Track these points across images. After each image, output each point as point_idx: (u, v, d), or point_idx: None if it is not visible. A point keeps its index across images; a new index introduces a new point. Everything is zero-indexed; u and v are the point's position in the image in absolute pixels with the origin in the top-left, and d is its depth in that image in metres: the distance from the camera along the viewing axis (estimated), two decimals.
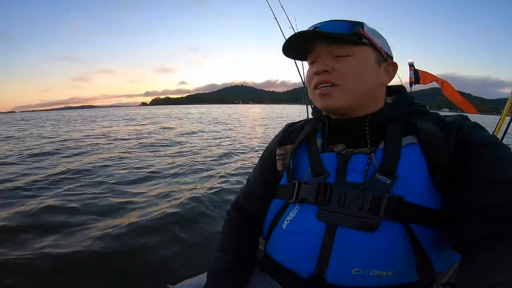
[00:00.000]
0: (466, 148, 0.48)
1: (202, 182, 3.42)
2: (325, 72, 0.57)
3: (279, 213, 0.61)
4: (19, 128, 12.97)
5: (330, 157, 0.57)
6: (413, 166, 0.50)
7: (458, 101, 2.38)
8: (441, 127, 0.52)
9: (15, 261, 1.62)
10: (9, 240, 1.88)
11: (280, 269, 0.58)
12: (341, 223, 0.51)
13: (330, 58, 0.57)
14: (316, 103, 0.62)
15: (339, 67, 0.56)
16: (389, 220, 0.49)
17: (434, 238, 0.50)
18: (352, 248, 0.50)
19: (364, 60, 0.57)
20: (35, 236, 1.93)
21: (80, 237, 1.93)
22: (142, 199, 2.76)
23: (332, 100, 0.57)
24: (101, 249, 1.77)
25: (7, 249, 1.77)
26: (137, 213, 2.37)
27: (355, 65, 0.56)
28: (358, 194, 0.51)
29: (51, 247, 1.78)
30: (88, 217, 2.28)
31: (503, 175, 0.44)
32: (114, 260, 1.70)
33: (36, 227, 2.07)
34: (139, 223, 2.12)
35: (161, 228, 2.09)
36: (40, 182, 3.31)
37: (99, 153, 5.50)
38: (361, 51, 0.57)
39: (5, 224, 2.10)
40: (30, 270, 1.58)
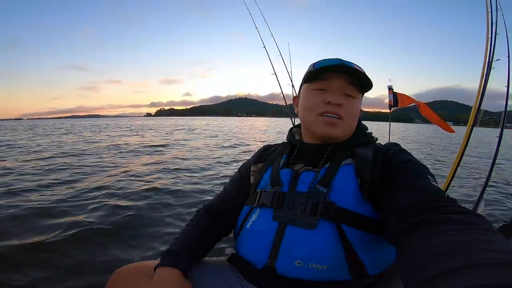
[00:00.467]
0: (390, 166, 0.62)
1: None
2: (338, 105, 0.68)
3: (246, 216, 0.72)
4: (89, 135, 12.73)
5: (286, 172, 0.71)
6: (346, 179, 0.64)
7: (435, 121, 2.46)
8: (374, 152, 0.66)
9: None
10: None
11: (243, 262, 0.69)
12: (290, 222, 0.63)
13: (341, 94, 0.70)
14: (316, 127, 0.71)
15: (347, 105, 0.69)
16: (324, 220, 0.60)
17: (366, 240, 0.60)
18: (297, 243, 0.60)
19: (359, 104, 0.73)
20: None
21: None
22: None
23: (336, 130, 0.69)
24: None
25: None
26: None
27: (356, 107, 0.71)
28: (303, 200, 0.64)
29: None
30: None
31: (412, 182, 0.55)
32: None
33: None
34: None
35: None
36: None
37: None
38: (359, 96, 0.72)
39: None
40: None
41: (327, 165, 0.67)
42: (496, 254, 0.34)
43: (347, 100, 0.69)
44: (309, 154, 0.73)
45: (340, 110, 0.68)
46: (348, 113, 0.69)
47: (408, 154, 0.65)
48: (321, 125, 0.69)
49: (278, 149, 0.82)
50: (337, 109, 0.68)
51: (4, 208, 2.48)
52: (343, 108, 0.68)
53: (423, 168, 0.60)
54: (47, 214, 2.41)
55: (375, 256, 0.61)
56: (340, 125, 0.69)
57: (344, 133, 0.71)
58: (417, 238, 0.44)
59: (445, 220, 0.44)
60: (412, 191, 0.53)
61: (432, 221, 0.45)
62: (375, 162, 0.64)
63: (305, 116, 0.73)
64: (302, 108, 0.74)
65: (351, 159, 0.66)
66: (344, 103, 0.69)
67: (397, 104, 2.65)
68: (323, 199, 0.62)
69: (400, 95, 2.65)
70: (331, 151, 0.70)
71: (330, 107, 0.68)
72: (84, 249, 1.85)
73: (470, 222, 0.42)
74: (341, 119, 0.69)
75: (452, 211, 0.46)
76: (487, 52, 1.87)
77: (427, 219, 0.46)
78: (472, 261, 0.33)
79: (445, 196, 0.52)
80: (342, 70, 0.69)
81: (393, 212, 0.53)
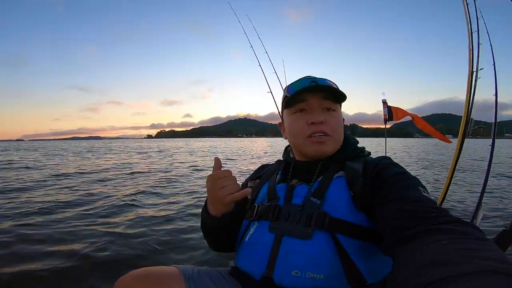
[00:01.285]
0: (380, 179, 0.63)
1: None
2: (322, 123, 0.71)
3: (245, 230, 0.74)
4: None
5: (281, 187, 0.75)
6: (338, 191, 0.66)
7: (431, 132, 2.50)
8: (365, 165, 0.69)
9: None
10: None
11: (242, 273, 0.70)
12: (286, 233, 0.65)
13: (321, 110, 0.73)
14: (307, 149, 0.74)
15: (329, 120, 0.72)
16: (319, 230, 0.62)
17: (362, 249, 0.61)
18: (293, 253, 0.62)
19: (340, 117, 0.75)
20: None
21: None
22: None
23: (327, 147, 0.73)
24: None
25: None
26: None
27: (338, 119, 0.74)
28: (298, 212, 0.66)
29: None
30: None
31: (403, 194, 0.56)
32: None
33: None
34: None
35: None
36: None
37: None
38: (338, 108, 0.75)
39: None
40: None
41: (320, 179, 0.71)
42: (488, 262, 0.34)
43: (328, 115, 0.73)
44: (302, 170, 0.77)
45: (325, 127, 0.72)
46: (332, 127, 0.72)
47: (398, 166, 0.67)
48: (311, 146, 0.73)
49: (273, 166, 0.88)
50: (321, 127, 0.71)
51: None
52: (326, 125, 0.72)
53: (414, 179, 0.61)
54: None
55: (372, 264, 0.61)
56: (328, 141, 0.72)
57: (334, 147, 0.74)
58: (410, 248, 0.45)
59: (437, 230, 0.45)
60: (404, 203, 0.54)
61: (424, 232, 0.46)
62: (365, 175, 0.66)
63: (294, 141, 0.77)
64: (289, 134, 0.78)
65: (342, 172, 0.70)
66: (326, 118, 0.72)
67: (392, 118, 2.70)
68: (317, 210, 0.64)
69: (395, 109, 2.71)
70: (322, 166, 0.73)
71: (315, 127, 0.71)
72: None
73: (462, 231, 0.43)
74: (328, 135, 0.72)
75: (444, 221, 0.47)
76: (470, 62, 1.90)
77: (419, 230, 0.46)
78: (465, 270, 0.33)
79: (436, 206, 0.53)
80: (316, 89, 0.72)
81: (386, 224, 0.54)
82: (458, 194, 4.32)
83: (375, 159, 0.72)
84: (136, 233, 2.48)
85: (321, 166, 0.74)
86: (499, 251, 0.38)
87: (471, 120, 1.94)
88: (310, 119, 0.72)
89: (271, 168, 0.88)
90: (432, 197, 0.57)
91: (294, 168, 0.79)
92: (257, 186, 0.83)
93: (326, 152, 0.73)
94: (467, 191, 4.56)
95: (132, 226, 2.69)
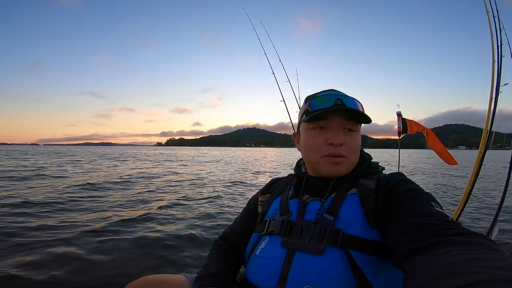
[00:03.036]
0: (393, 195, 0.63)
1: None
2: (340, 144, 0.69)
3: (255, 243, 0.74)
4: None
5: (294, 202, 0.74)
6: (351, 208, 0.66)
7: (440, 151, 2.39)
8: (378, 182, 0.68)
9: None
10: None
11: (252, 287, 0.69)
12: (298, 249, 0.64)
13: (343, 130, 0.71)
14: (321, 168, 0.72)
15: (349, 142, 0.70)
16: (331, 246, 0.61)
17: (376, 265, 0.60)
18: (305, 268, 0.61)
19: (359, 137, 0.74)
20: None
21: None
22: None
23: (342, 168, 0.71)
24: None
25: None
26: None
27: (357, 141, 0.73)
28: (311, 228, 0.66)
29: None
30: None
31: (415, 209, 0.56)
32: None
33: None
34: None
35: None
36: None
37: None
38: (358, 129, 0.74)
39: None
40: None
41: (332, 195, 0.70)
42: (500, 271, 0.34)
43: (348, 136, 0.71)
44: (314, 186, 0.75)
45: (343, 150, 0.69)
46: (350, 149, 0.71)
47: (410, 183, 0.66)
48: (326, 166, 0.71)
49: (284, 181, 0.86)
50: (339, 149, 0.69)
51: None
52: (344, 147, 0.70)
53: (426, 195, 0.61)
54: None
55: (385, 280, 0.60)
56: (344, 163, 0.71)
57: (349, 168, 0.72)
58: (421, 261, 0.45)
59: (449, 242, 0.45)
60: (415, 217, 0.54)
61: (435, 244, 0.46)
62: (377, 192, 0.65)
63: (309, 157, 0.75)
64: (305, 148, 0.76)
65: (355, 189, 0.69)
66: (346, 139, 0.70)
67: (406, 131, 2.63)
68: (330, 227, 0.64)
69: (409, 122, 2.64)
70: (336, 182, 0.72)
71: (333, 148, 0.69)
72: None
73: (473, 242, 0.43)
74: (345, 157, 0.70)
75: (455, 233, 0.47)
76: (493, 75, 1.84)
77: (431, 242, 0.47)
78: (476, 279, 0.34)
79: (448, 220, 0.53)
80: (341, 111, 0.70)
81: (398, 238, 0.54)
82: (476, 208, 4.18)
83: (388, 175, 0.71)
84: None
85: (334, 183, 0.72)
86: (511, 260, 0.38)
87: (492, 133, 1.87)
88: (329, 139, 0.70)
89: (282, 182, 0.87)
90: (445, 212, 0.56)
91: (306, 183, 0.78)
92: (267, 200, 0.83)
93: (340, 173, 0.72)
94: (485, 206, 4.41)
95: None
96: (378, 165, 0.78)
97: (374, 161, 0.79)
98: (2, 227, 2.86)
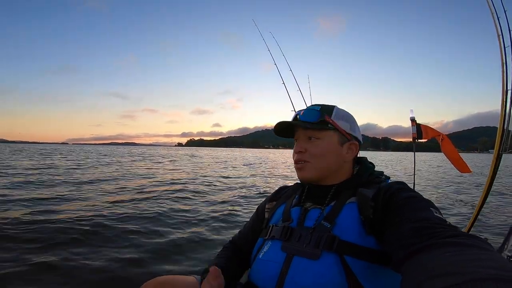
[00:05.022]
0: (392, 203, 0.65)
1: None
2: (300, 152, 0.79)
3: (260, 248, 0.80)
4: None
5: (296, 210, 0.80)
6: (349, 216, 0.70)
7: (453, 159, 2.33)
8: (378, 190, 0.70)
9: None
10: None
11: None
12: (297, 253, 0.70)
13: (305, 139, 0.80)
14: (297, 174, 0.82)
15: (310, 148, 0.78)
16: (327, 252, 0.66)
17: (370, 270, 0.63)
18: (302, 272, 0.66)
19: (328, 143, 0.78)
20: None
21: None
22: None
23: (304, 173, 0.79)
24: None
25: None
26: None
27: (321, 147, 0.78)
28: (309, 234, 0.71)
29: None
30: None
31: (413, 215, 0.58)
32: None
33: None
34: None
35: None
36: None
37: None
38: (326, 135, 0.78)
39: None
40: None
41: (332, 203, 0.75)
42: (489, 270, 0.36)
43: (310, 144, 0.79)
44: (315, 194, 0.81)
45: (303, 156, 0.78)
46: (312, 155, 0.78)
47: (409, 191, 0.68)
48: (296, 172, 0.81)
49: (291, 189, 0.93)
50: (300, 155, 0.79)
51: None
52: (305, 153, 0.78)
53: (425, 202, 0.63)
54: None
55: (380, 286, 0.64)
56: (306, 167, 0.78)
57: (317, 172, 0.78)
58: (417, 262, 0.47)
59: (444, 243, 0.47)
60: (413, 222, 0.56)
61: (431, 246, 0.48)
62: (375, 200, 0.68)
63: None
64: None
65: (354, 198, 0.72)
66: (308, 147, 0.78)
67: (421, 137, 2.59)
68: (327, 233, 0.68)
69: (424, 127, 2.59)
70: (335, 191, 0.77)
71: (296, 155, 0.80)
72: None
73: (467, 243, 0.45)
74: (307, 162, 0.78)
75: (451, 235, 0.49)
76: (503, 77, 1.80)
77: (427, 245, 0.49)
78: (464, 278, 0.36)
79: (446, 223, 0.55)
80: (297, 124, 0.80)
81: (396, 242, 0.56)
82: (493, 216, 4.02)
83: (388, 184, 0.73)
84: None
85: (334, 191, 0.77)
86: (503, 260, 0.40)
87: (509, 133, 1.81)
88: (295, 148, 0.81)
89: (288, 190, 0.93)
90: (444, 218, 0.58)
91: (307, 192, 0.84)
92: (273, 208, 0.90)
93: (307, 178, 0.79)
94: (502, 213, 4.22)
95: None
96: (382, 175, 0.81)
97: (379, 171, 0.82)
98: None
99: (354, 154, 0.81)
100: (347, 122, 0.81)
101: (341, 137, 0.79)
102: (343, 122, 0.80)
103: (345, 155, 0.79)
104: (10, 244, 2.42)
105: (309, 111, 0.80)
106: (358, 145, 0.82)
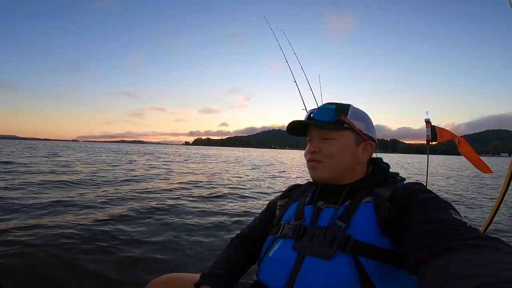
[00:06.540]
0: (409, 203, 0.63)
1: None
2: (314, 152, 0.77)
3: (270, 245, 0.78)
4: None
5: (309, 208, 0.78)
6: (365, 216, 0.67)
7: (473, 160, 2.27)
8: (394, 191, 0.69)
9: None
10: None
11: (263, 287, 0.73)
12: (309, 253, 0.67)
13: (319, 139, 0.78)
14: (310, 173, 0.81)
15: (324, 148, 0.76)
16: (341, 252, 0.64)
17: (384, 272, 0.61)
18: (314, 272, 0.64)
19: (343, 143, 0.76)
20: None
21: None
22: None
23: (317, 173, 0.77)
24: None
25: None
26: None
27: (336, 147, 0.76)
28: (322, 233, 0.68)
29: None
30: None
31: (432, 216, 0.57)
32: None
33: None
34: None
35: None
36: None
37: None
38: (342, 135, 0.76)
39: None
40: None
41: (347, 203, 0.72)
42: (510, 273, 0.36)
43: (325, 144, 0.76)
44: (328, 193, 0.79)
45: (317, 156, 0.77)
46: (326, 155, 0.76)
47: (427, 192, 0.66)
48: (309, 171, 0.80)
49: (303, 187, 0.91)
50: (314, 155, 0.77)
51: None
52: (319, 153, 0.76)
53: (444, 203, 0.61)
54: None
55: (393, 287, 0.62)
56: (319, 167, 0.77)
57: (331, 172, 0.76)
58: (437, 264, 0.46)
59: (463, 246, 0.46)
60: (432, 223, 0.55)
61: (451, 248, 0.47)
62: (391, 200, 0.66)
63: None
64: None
65: (370, 198, 0.70)
66: (322, 147, 0.76)
67: (435, 139, 2.54)
68: (341, 233, 0.66)
69: (439, 129, 2.54)
70: (349, 190, 0.75)
71: (309, 155, 0.78)
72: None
73: (488, 246, 0.45)
74: (320, 162, 0.76)
75: (471, 238, 0.48)
76: None
77: (446, 247, 0.48)
78: (494, 280, 0.35)
79: (466, 225, 0.53)
80: (309, 124, 0.79)
81: (414, 243, 0.54)
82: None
83: (405, 184, 0.72)
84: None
85: (347, 190, 0.75)
86: None
87: None
88: (309, 148, 0.80)
89: (301, 188, 0.91)
90: (465, 220, 0.56)
91: (320, 190, 0.82)
92: (285, 205, 0.87)
93: (318, 177, 0.77)
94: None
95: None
96: (397, 175, 0.80)
97: (394, 172, 0.81)
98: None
99: (370, 154, 0.80)
100: (363, 121, 0.79)
101: (357, 137, 0.77)
102: (359, 122, 0.78)
103: (361, 156, 0.78)
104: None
105: (324, 110, 0.78)
106: (373, 145, 0.80)
